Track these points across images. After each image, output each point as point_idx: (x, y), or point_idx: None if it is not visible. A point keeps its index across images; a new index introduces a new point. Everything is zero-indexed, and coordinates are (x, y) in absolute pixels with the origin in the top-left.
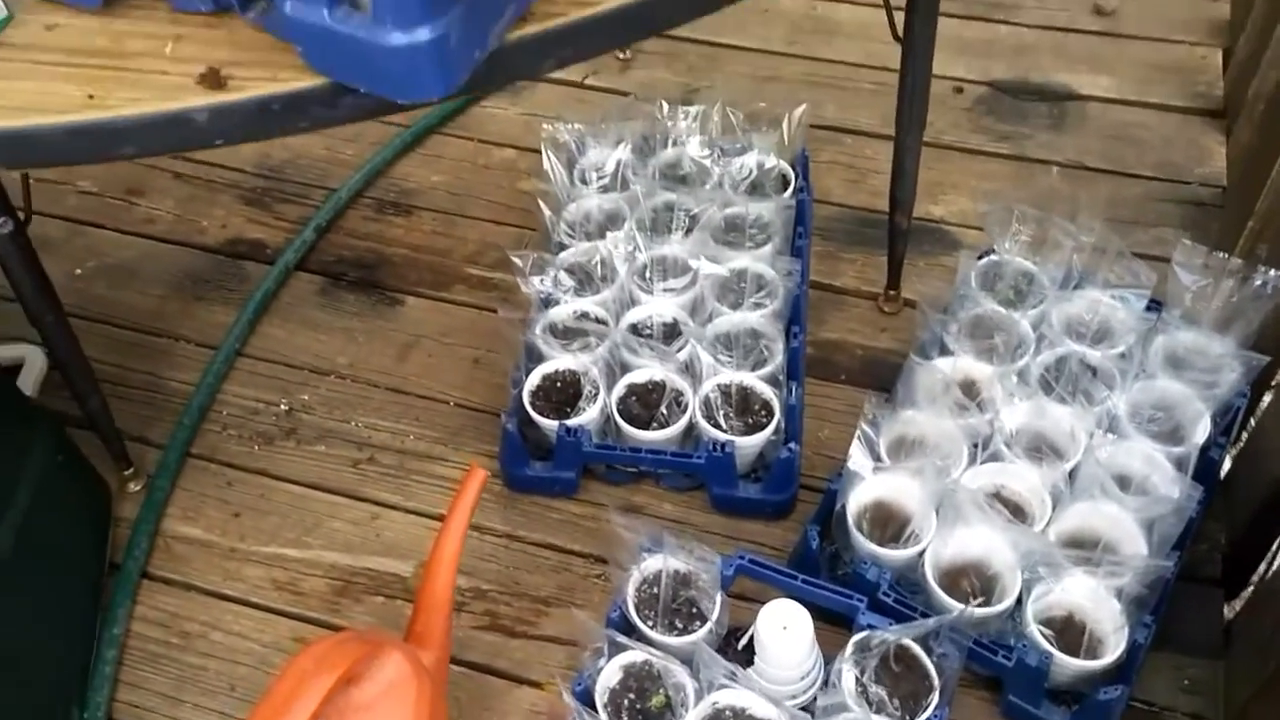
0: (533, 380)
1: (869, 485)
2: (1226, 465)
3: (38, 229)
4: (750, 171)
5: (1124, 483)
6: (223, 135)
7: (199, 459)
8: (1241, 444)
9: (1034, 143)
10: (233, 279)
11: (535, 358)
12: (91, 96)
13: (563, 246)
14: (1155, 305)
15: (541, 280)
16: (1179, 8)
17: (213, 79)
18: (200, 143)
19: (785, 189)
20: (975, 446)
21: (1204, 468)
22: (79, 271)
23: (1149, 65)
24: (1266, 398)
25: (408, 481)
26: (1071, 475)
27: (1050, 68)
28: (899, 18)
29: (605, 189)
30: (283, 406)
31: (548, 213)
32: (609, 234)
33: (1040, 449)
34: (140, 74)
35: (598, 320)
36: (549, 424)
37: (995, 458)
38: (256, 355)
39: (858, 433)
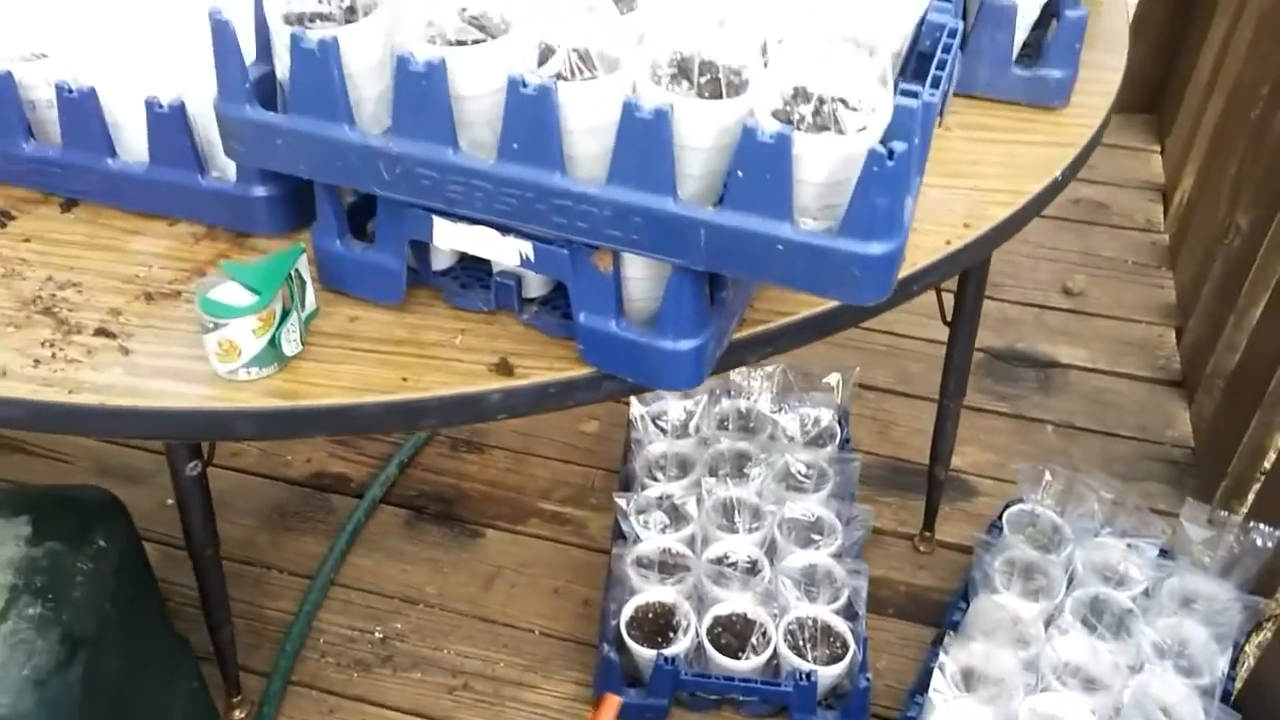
0: (626, 611)
1: (946, 711)
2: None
3: (129, 460)
4: (811, 424)
5: (1164, 712)
6: (508, 411)
7: (300, 686)
8: (1244, 675)
9: (1028, 403)
10: (319, 510)
11: (625, 589)
12: (405, 379)
13: (643, 486)
14: (1163, 553)
15: (636, 518)
16: (1134, 292)
17: (504, 367)
18: (489, 417)
19: (833, 439)
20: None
21: (1221, 698)
22: (169, 502)
23: (1115, 340)
24: (1265, 633)
25: (503, 708)
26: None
27: (1033, 338)
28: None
29: (680, 435)
30: (377, 634)
31: (634, 455)
32: (687, 477)
33: (1087, 679)
34: (442, 361)
35: (681, 555)
36: (646, 653)
37: (1047, 688)
38: (349, 585)
39: (937, 663)
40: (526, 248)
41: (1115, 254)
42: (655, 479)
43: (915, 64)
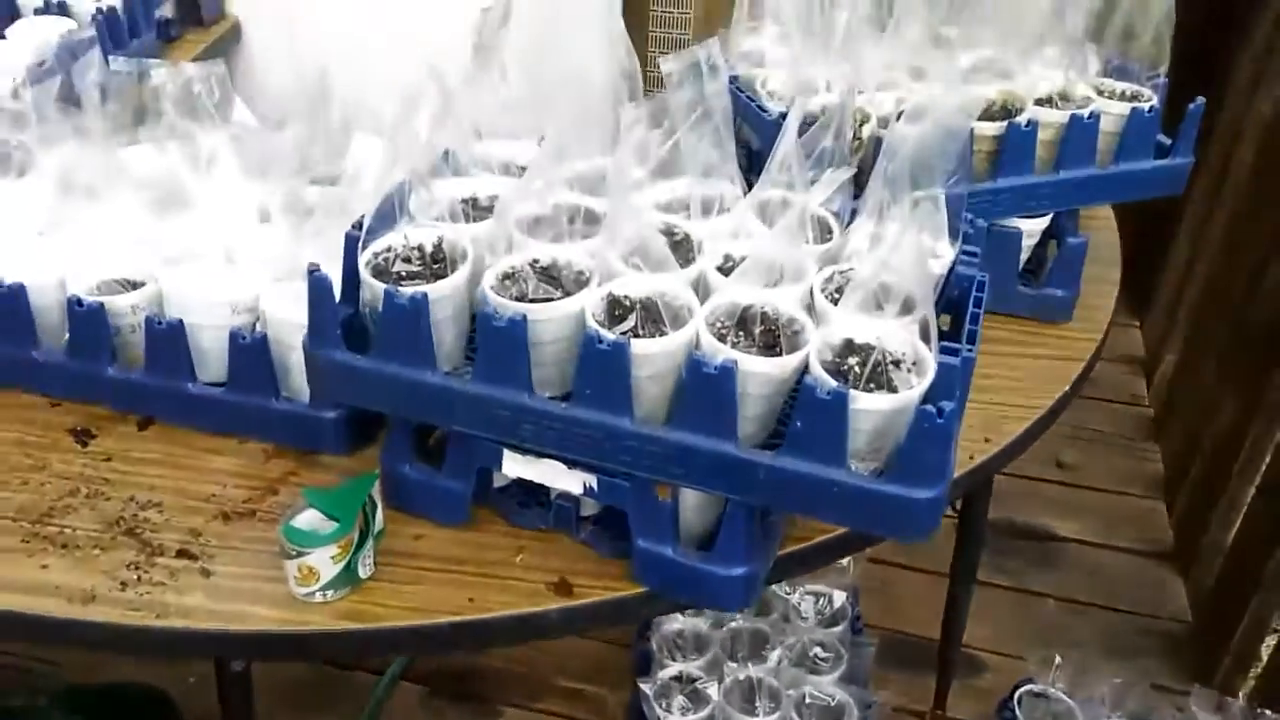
0: None
1: None
2: None
3: None
4: (824, 603)
5: None
6: (566, 630)
7: None
8: None
9: (1029, 577)
10: (340, 686)
11: None
12: (471, 600)
13: (662, 665)
14: None
15: (657, 703)
16: (1124, 465)
17: (563, 588)
18: (547, 635)
19: (845, 619)
20: None
21: None
22: (191, 680)
23: (1109, 512)
24: None
25: None
26: None
27: (1030, 511)
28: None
29: (696, 612)
30: None
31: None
32: (704, 655)
33: None
34: (504, 580)
35: None
36: None
37: None
38: None
39: None
40: (591, 480)
41: (1103, 427)
42: (673, 658)
43: (944, 309)
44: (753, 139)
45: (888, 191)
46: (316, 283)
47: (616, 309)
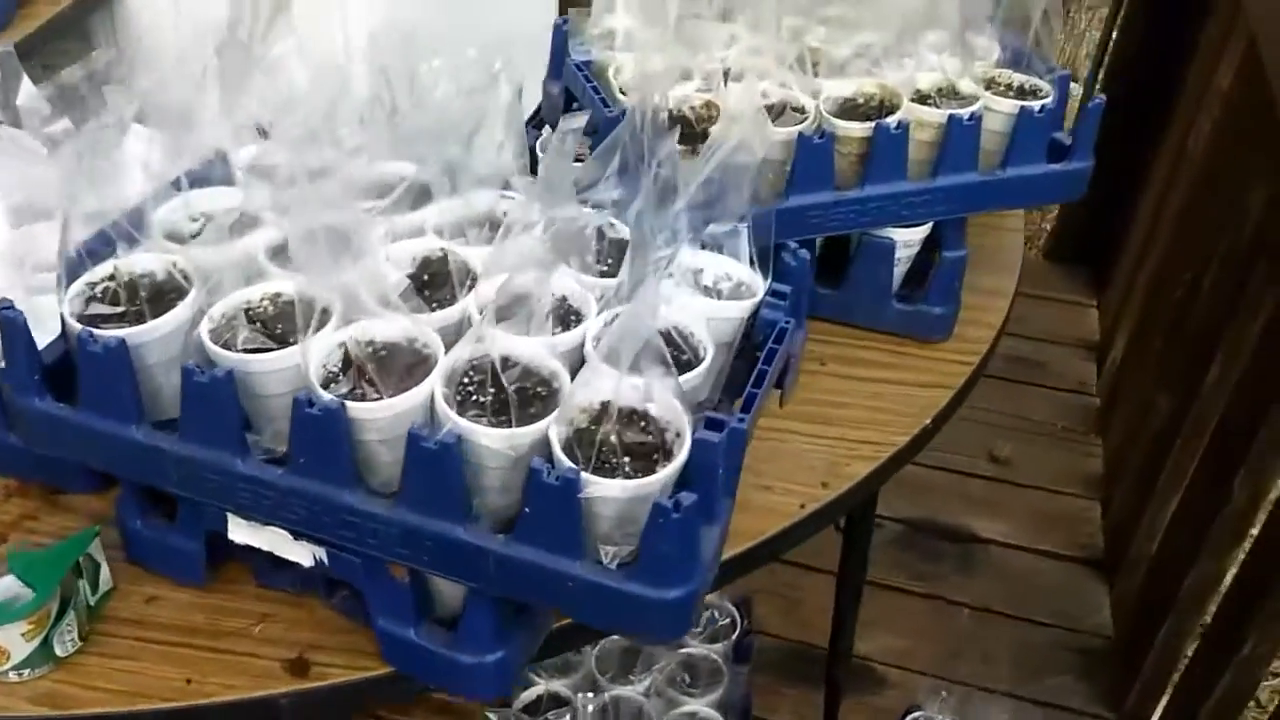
0: None
1: None
2: None
3: None
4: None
5: None
6: (298, 716)
7: None
8: None
9: (946, 583)
10: None
11: None
12: (189, 681)
13: (525, 683)
14: None
15: None
16: (1062, 460)
17: (299, 667)
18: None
19: (732, 632)
20: None
21: None
22: None
23: (1040, 513)
24: None
25: None
26: None
27: (955, 510)
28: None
29: None
30: None
31: None
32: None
33: None
34: (234, 657)
35: None
36: None
37: None
38: None
39: None
40: (320, 552)
41: (1045, 417)
42: (538, 675)
43: (742, 360)
44: None
45: (683, 220)
46: (7, 323)
47: (359, 357)
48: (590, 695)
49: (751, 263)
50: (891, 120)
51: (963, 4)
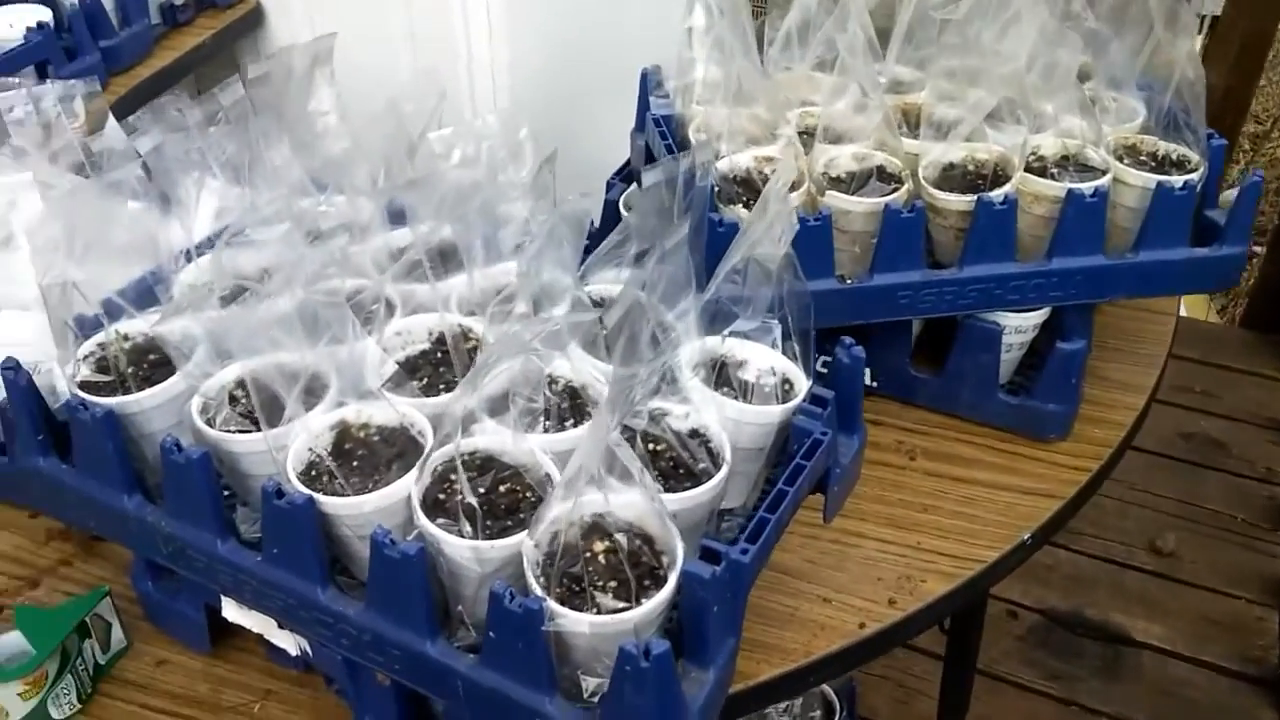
0: None
1: None
2: None
3: None
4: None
5: None
6: None
7: None
8: None
9: (1084, 688)
10: None
11: None
12: None
13: None
14: None
15: None
16: (1236, 558)
17: None
18: None
19: (830, 716)
20: None
21: None
22: None
23: (1203, 617)
24: None
25: None
26: None
27: (1106, 604)
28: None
29: None
30: None
31: None
32: None
33: None
34: None
35: None
36: None
37: None
38: None
39: None
40: (305, 644)
41: (1222, 507)
42: None
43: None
44: None
45: (695, 316)
46: (9, 385)
47: (347, 441)
48: None
49: (793, 356)
50: (997, 194)
51: (1097, 59)
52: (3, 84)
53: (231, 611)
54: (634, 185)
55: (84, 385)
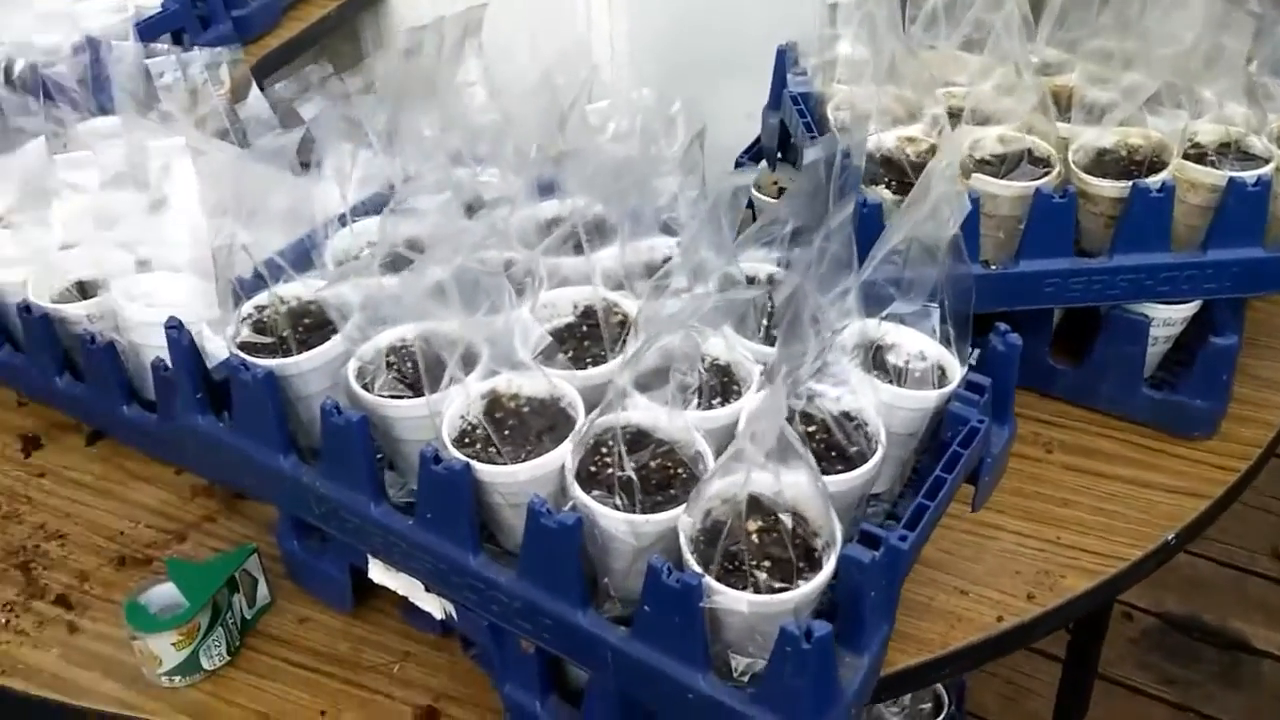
0: None
1: None
2: None
3: None
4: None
5: None
6: None
7: None
8: None
9: (1201, 693)
10: None
11: None
12: (323, 713)
13: None
14: None
15: None
16: None
17: (429, 716)
18: None
19: (939, 711)
20: None
21: None
22: None
23: None
24: None
25: None
26: None
27: (1225, 610)
28: None
29: None
30: None
31: None
32: None
33: None
34: (369, 694)
35: None
36: None
37: None
38: None
39: None
40: (449, 607)
41: None
42: None
43: (930, 459)
44: None
45: (856, 297)
46: (172, 343)
47: (498, 411)
48: None
49: (947, 341)
50: (1154, 180)
51: (1259, 44)
52: (151, 50)
53: (377, 573)
54: (763, 164)
55: (242, 346)
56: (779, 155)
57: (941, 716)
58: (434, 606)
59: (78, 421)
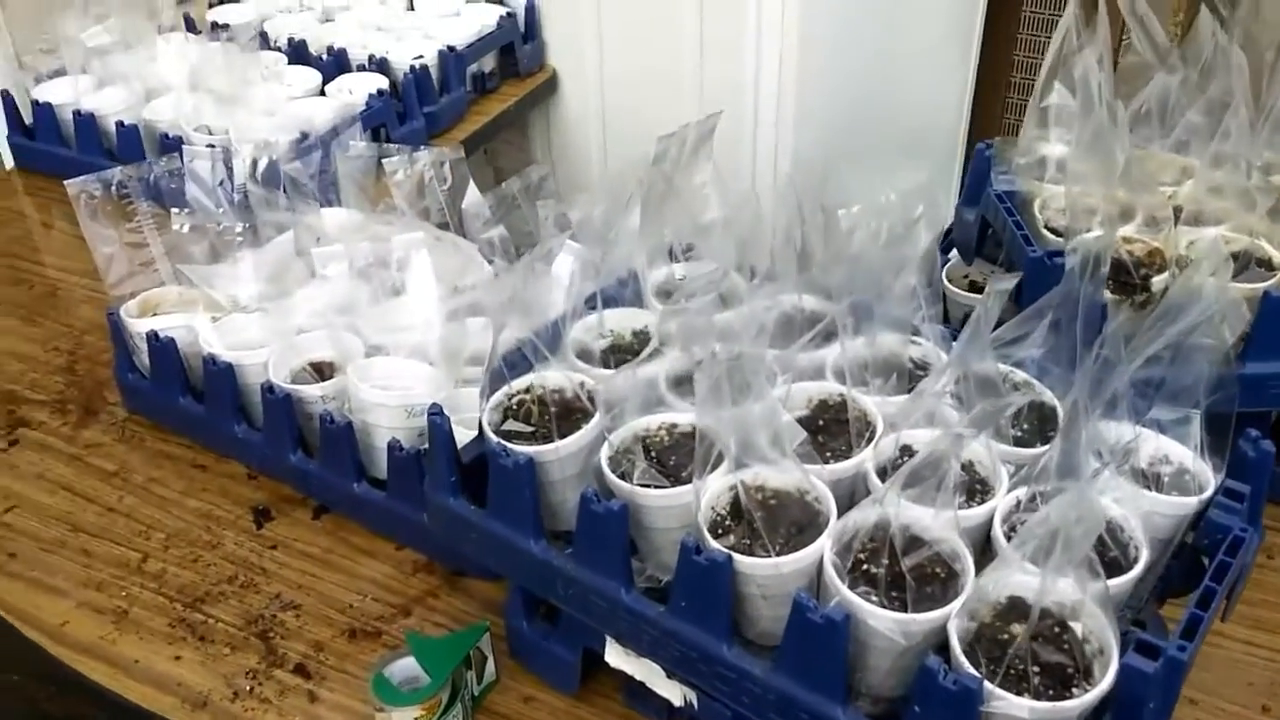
0: None
1: None
2: None
3: None
4: None
5: None
6: None
7: None
8: None
9: None
10: None
11: None
12: None
13: None
14: None
15: None
16: None
17: None
18: None
19: None
20: None
21: None
22: None
23: None
24: None
25: None
26: None
27: None
28: None
29: None
30: None
31: None
32: None
33: None
34: None
35: None
36: None
37: None
38: None
39: None
40: (692, 695)
41: None
42: None
43: (1179, 566)
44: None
45: (1125, 400)
46: (434, 427)
47: (748, 503)
48: None
49: (1199, 449)
50: None
51: None
52: (384, 149)
53: (615, 657)
54: (953, 256)
55: (499, 433)
56: (975, 251)
57: None
58: (674, 694)
59: (303, 498)
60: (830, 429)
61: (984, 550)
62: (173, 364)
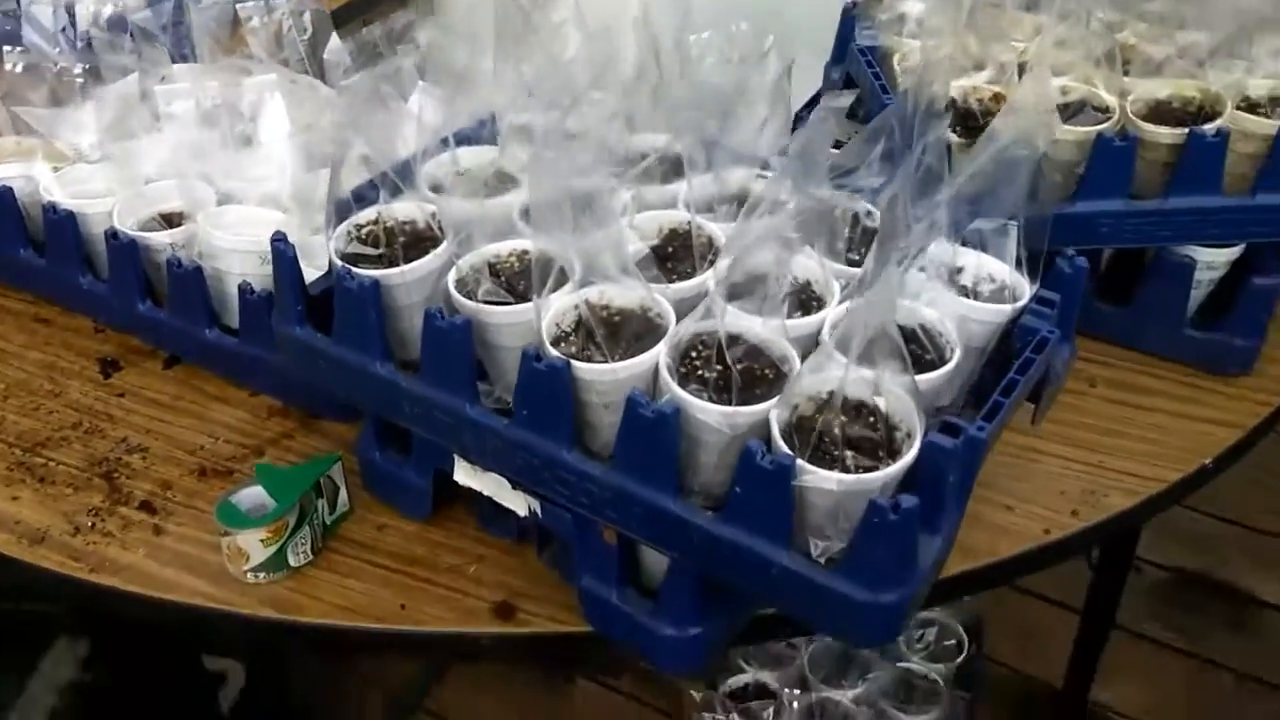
0: None
1: None
2: None
3: None
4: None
5: None
6: (498, 656)
7: None
8: None
9: (1209, 643)
10: None
11: None
12: (404, 606)
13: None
14: None
15: None
16: None
17: (505, 611)
18: (477, 658)
19: (959, 653)
20: None
21: None
22: None
23: None
24: None
25: None
26: None
27: (1236, 568)
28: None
29: None
30: None
31: None
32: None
33: None
34: (446, 591)
35: None
36: None
37: None
38: None
39: None
40: (535, 504)
41: None
42: (748, 664)
43: (993, 370)
44: None
45: (944, 212)
46: (278, 254)
47: (591, 319)
48: (798, 693)
49: (1019, 266)
50: (1210, 127)
51: None
52: None
53: (463, 475)
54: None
55: (344, 258)
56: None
57: (962, 657)
58: (518, 504)
59: (152, 349)
60: (679, 254)
61: None
62: (11, 214)
